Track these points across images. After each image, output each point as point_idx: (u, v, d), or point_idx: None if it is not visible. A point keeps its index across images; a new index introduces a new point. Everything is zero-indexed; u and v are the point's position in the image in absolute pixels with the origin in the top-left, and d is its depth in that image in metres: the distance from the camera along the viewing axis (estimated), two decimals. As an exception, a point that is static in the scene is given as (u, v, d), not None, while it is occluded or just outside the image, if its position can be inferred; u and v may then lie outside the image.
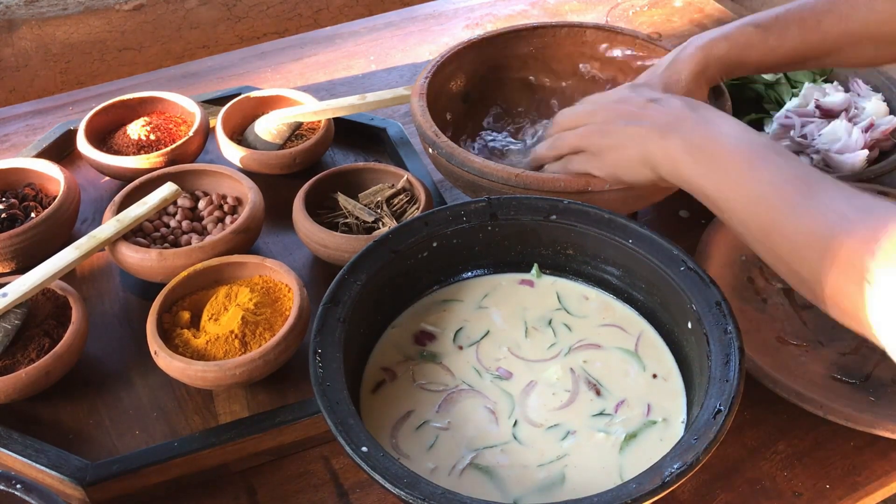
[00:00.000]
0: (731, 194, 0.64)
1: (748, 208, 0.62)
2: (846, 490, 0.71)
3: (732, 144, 0.64)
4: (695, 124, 0.68)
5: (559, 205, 0.74)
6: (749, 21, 0.82)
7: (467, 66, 0.99)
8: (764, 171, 0.61)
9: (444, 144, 0.82)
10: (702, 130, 0.67)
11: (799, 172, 0.60)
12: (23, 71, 1.35)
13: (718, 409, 0.58)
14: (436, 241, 0.74)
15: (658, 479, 0.54)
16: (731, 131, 0.65)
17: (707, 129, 0.67)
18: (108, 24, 1.37)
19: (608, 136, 0.73)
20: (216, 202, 0.91)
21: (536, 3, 1.39)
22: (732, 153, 0.64)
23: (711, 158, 0.65)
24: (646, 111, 0.71)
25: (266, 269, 0.80)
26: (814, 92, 1.02)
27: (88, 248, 0.80)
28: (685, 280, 0.67)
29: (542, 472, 0.62)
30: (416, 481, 0.54)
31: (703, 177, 0.66)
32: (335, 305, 0.66)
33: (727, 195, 0.64)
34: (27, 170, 0.93)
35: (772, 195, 0.60)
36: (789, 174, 0.60)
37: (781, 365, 0.75)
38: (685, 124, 0.68)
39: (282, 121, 1.00)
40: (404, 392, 0.68)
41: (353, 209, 0.89)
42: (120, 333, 0.84)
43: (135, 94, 1.04)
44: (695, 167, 0.66)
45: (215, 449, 0.70)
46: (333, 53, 1.27)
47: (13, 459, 0.70)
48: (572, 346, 0.71)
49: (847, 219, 0.55)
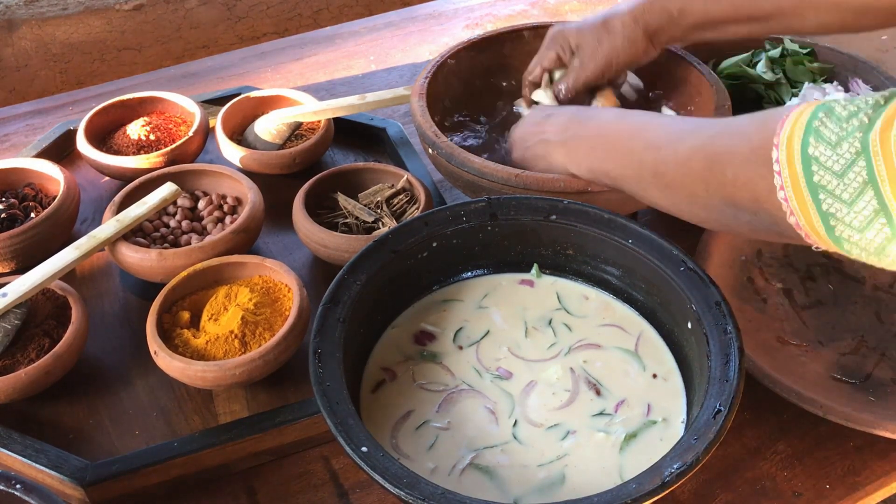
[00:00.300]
0: (625, 160, 0.72)
1: (641, 161, 0.69)
2: (846, 490, 0.71)
3: (617, 124, 0.75)
4: (583, 123, 0.78)
5: (559, 205, 0.74)
6: None
7: (467, 65, 0.99)
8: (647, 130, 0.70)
9: (444, 144, 0.82)
10: (592, 125, 0.77)
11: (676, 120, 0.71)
12: (23, 71, 1.35)
13: (718, 409, 0.58)
14: (436, 241, 0.74)
15: (658, 479, 0.54)
16: (611, 115, 0.78)
17: (595, 122, 0.77)
18: (108, 24, 1.37)
19: (529, 151, 0.83)
20: (216, 202, 0.91)
21: (536, 3, 1.39)
22: (617, 131, 0.74)
23: (604, 143, 0.75)
24: (546, 125, 0.81)
25: (266, 269, 0.80)
26: (814, 92, 1.01)
27: (88, 248, 0.80)
28: (685, 280, 0.67)
29: (542, 472, 0.62)
30: (416, 481, 0.54)
31: (602, 160, 0.74)
32: (335, 305, 0.66)
33: (624, 162, 0.72)
34: (27, 170, 0.93)
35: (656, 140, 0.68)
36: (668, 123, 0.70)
37: (781, 365, 0.75)
38: (577, 127, 0.78)
39: (282, 121, 1.00)
40: (404, 392, 0.68)
41: (353, 209, 0.89)
42: (120, 333, 0.84)
43: (135, 94, 1.05)
44: (594, 156, 0.75)
45: (215, 449, 0.70)
46: (333, 53, 1.27)
47: (13, 459, 0.70)
48: (572, 346, 0.71)
49: (724, 125, 0.63)
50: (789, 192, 0.54)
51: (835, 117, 0.52)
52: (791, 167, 0.53)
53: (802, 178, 0.53)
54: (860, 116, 0.52)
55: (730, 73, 1.07)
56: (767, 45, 1.09)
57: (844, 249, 0.54)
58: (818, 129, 0.53)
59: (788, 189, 0.54)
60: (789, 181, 0.54)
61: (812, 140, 0.53)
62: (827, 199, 0.52)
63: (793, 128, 0.54)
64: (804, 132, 0.53)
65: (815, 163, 0.52)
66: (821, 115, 0.53)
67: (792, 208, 0.54)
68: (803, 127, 0.53)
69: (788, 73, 1.07)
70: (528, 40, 1.01)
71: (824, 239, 0.54)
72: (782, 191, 0.54)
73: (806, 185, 0.53)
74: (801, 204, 0.53)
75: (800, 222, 0.54)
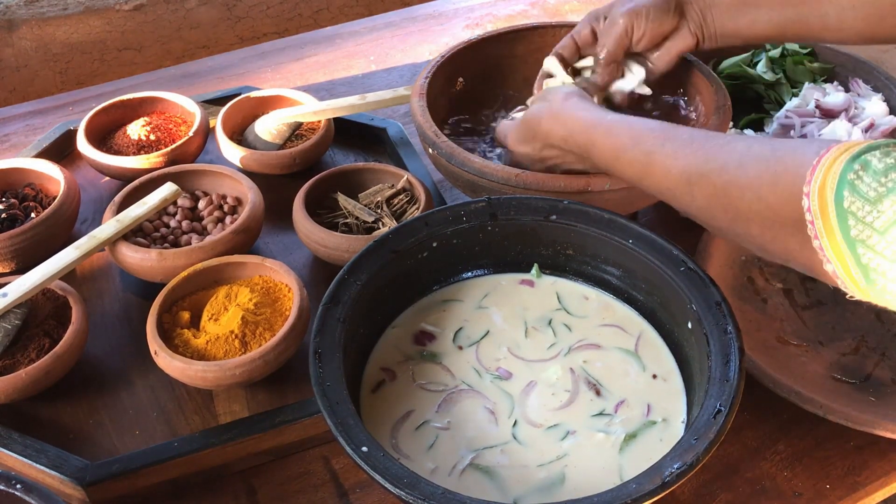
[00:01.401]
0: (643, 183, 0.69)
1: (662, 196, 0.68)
2: (846, 490, 0.71)
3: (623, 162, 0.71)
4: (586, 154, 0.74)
5: (559, 205, 0.74)
6: None
7: (467, 66, 0.99)
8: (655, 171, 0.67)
9: (444, 144, 0.82)
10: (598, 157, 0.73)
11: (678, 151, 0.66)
12: (23, 71, 1.35)
13: (718, 409, 0.58)
14: (436, 241, 0.74)
15: (658, 479, 0.54)
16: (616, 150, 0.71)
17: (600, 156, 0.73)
18: (108, 24, 1.37)
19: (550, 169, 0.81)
20: (216, 202, 0.91)
21: (536, 3, 1.39)
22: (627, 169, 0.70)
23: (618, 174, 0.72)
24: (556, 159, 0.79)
25: (266, 269, 0.80)
26: (814, 92, 1.01)
27: (88, 248, 0.80)
28: (685, 280, 0.67)
29: (542, 472, 0.62)
30: (416, 481, 0.54)
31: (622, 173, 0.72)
32: (335, 305, 0.66)
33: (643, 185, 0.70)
34: (27, 170, 0.93)
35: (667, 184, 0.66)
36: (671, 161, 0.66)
37: (781, 365, 0.75)
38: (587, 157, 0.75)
39: (282, 121, 1.00)
40: (404, 392, 0.68)
41: (353, 209, 0.89)
42: (120, 333, 0.84)
43: (135, 94, 1.05)
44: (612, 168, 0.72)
45: (215, 449, 0.70)
46: (333, 53, 1.27)
47: (13, 459, 0.70)
48: (572, 346, 0.71)
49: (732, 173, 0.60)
50: (824, 241, 0.52)
51: (871, 171, 0.50)
52: (825, 219, 0.51)
53: (839, 231, 0.51)
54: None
55: (730, 73, 1.07)
56: (767, 44, 1.09)
57: (886, 301, 0.52)
58: (854, 183, 0.50)
59: (823, 239, 0.52)
60: (824, 232, 0.52)
61: (847, 193, 0.51)
62: (867, 253, 0.50)
63: (825, 177, 0.52)
64: (838, 184, 0.51)
65: (853, 217, 0.50)
66: (856, 168, 0.51)
67: (828, 257, 0.52)
68: (837, 177, 0.51)
69: (788, 73, 1.07)
70: (528, 40, 1.01)
71: (863, 290, 0.52)
72: (817, 240, 0.52)
73: (843, 238, 0.51)
74: (837, 255, 0.52)
75: (837, 272, 0.52)
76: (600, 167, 0.74)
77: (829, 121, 0.97)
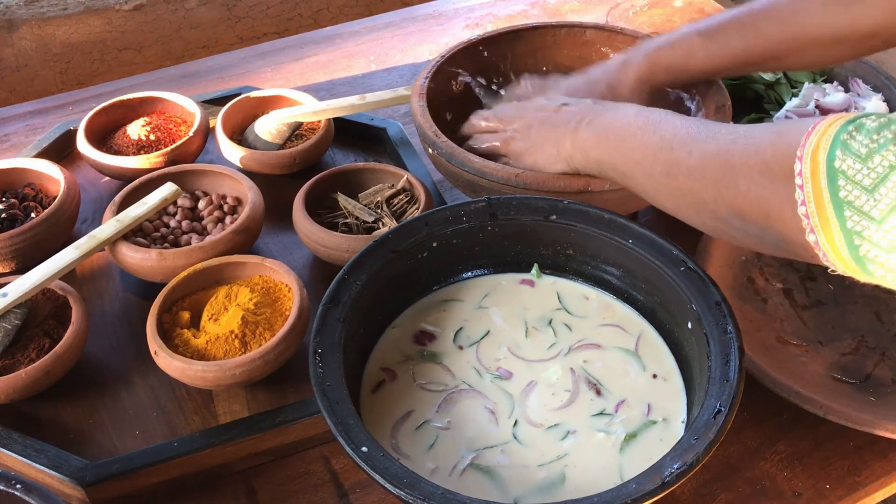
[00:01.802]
0: (637, 154, 0.69)
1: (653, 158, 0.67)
2: (846, 490, 0.71)
3: (633, 118, 0.71)
4: (600, 115, 0.75)
5: (559, 205, 0.74)
6: (693, 29, 0.85)
7: (467, 66, 0.99)
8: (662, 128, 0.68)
9: (444, 144, 0.82)
10: (608, 117, 0.74)
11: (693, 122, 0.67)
12: (23, 71, 1.35)
13: (718, 409, 0.58)
14: (436, 241, 0.74)
15: (658, 479, 0.54)
16: (631, 110, 0.73)
17: (612, 115, 0.74)
18: (108, 24, 1.37)
19: (526, 140, 0.80)
20: (216, 202, 0.91)
21: (536, 3, 1.39)
22: (632, 125, 0.70)
23: (617, 135, 0.72)
24: (559, 114, 0.78)
25: (266, 269, 0.80)
26: (814, 92, 1.01)
27: (88, 248, 0.80)
28: (685, 280, 0.67)
29: (543, 472, 0.62)
30: (416, 481, 0.54)
31: (611, 152, 0.72)
32: (335, 305, 0.66)
33: (634, 157, 0.70)
34: (27, 170, 0.93)
35: (671, 140, 0.66)
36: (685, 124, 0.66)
37: (781, 365, 0.75)
38: (593, 117, 0.75)
39: (282, 121, 1.00)
40: (404, 392, 0.68)
41: (353, 209, 0.89)
42: (120, 333, 0.84)
43: (135, 94, 1.04)
44: (604, 147, 0.73)
45: (215, 449, 0.70)
46: (333, 53, 1.27)
47: (13, 459, 0.70)
48: (572, 346, 0.71)
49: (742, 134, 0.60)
50: (811, 207, 0.51)
51: (865, 130, 0.50)
52: (815, 182, 0.51)
53: (827, 193, 0.50)
54: (893, 128, 0.49)
55: (730, 73, 1.07)
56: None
57: (868, 271, 0.51)
58: (846, 142, 0.50)
59: (811, 204, 0.51)
60: (812, 196, 0.51)
61: (839, 153, 0.50)
62: (853, 216, 0.49)
63: (819, 139, 0.51)
64: (831, 144, 0.50)
65: (843, 177, 0.49)
66: (850, 129, 0.50)
67: (812, 225, 0.51)
68: (831, 139, 0.51)
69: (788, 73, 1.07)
70: (528, 40, 1.01)
71: (844, 259, 0.51)
72: (803, 206, 0.51)
73: (831, 200, 0.50)
74: (823, 221, 0.51)
75: (819, 240, 0.51)
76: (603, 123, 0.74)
77: (829, 121, 0.97)
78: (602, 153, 0.73)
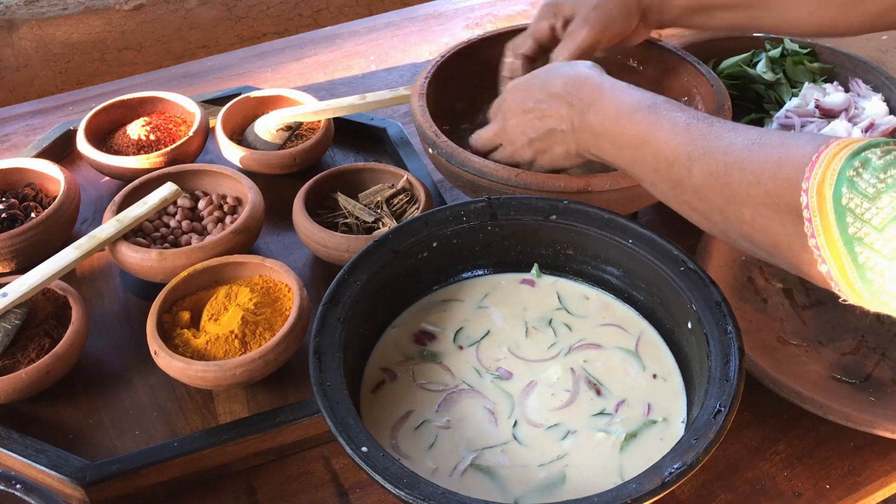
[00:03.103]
0: (638, 168, 0.68)
1: (654, 175, 0.66)
2: (846, 490, 0.71)
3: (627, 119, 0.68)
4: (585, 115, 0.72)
5: (559, 205, 0.74)
6: None
7: (467, 65, 0.99)
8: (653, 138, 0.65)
9: (444, 144, 0.82)
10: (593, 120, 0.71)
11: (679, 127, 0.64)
12: (23, 71, 1.35)
13: (718, 409, 0.58)
14: (436, 241, 0.74)
15: (658, 479, 0.54)
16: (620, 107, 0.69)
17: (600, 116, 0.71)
18: (108, 24, 1.37)
19: (531, 146, 0.79)
20: (216, 202, 0.91)
21: (536, 3, 1.39)
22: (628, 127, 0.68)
23: (613, 144, 0.70)
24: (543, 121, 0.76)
25: (266, 269, 0.80)
26: (814, 92, 1.01)
27: (88, 248, 0.80)
28: (685, 280, 0.67)
29: (543, 472, 0.62)
30: (416, 481, 0.54)
31: (614, 156, 0.71)
32: (335, 305, 0.66)
33: (636, 170, 0.69)
34: (27, 170, 0.93)
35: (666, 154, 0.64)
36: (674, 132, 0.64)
37: (781, 365, 0.75)
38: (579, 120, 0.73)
39: (282, 121, 1.00)
40: (404, 392, 0.68)
41: (353, 209, 0.89)
42: (120, 333, 0.84)
43: (135, 94, 1.05)
44: (608, 150, 0.71)
45: (215, 449, 0.70)
46: (333, 53, 1.27)
47: (13, 459, 0.70)
48: (572, 345, 0.71)
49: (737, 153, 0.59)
50: (821, 240, 0.51)
51: (871, 167, 0.49)
52: (823, 217, 0.51)
53: (836, 229, 0.50)
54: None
55: (730, 73, 1.07)
56: (767, 45, 1.10)
57: (881, 302, 0.51)
58: (852, 180, 0.50)
59: (820, 237, 0.51)
60: (821, 230, 0.51)
61: (845, 190, 0.50)
62: (864, 251, 0.49)
63: (824, 174, 0.51)
64: (836, 180, 0.50)
65: (851, 214, 0.49)
66: (856, 164, 0.50)
67: (824, 257, 0.51)
68: (836, 174, 0.50)
69: (788, 73, 1.07)
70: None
71: (857, 291, 0.51)
72: (813, 239, 0.51)
73: (840, 236, 0.50)
74: (834, 255, 0.51)
75: (832, 272, 0.51)
76: (593, 126, 0.71)
77: (829, 121, 0.97)
78: (608, 157, 0.72)
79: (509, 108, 0.81)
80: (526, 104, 0.78)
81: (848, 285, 0.51)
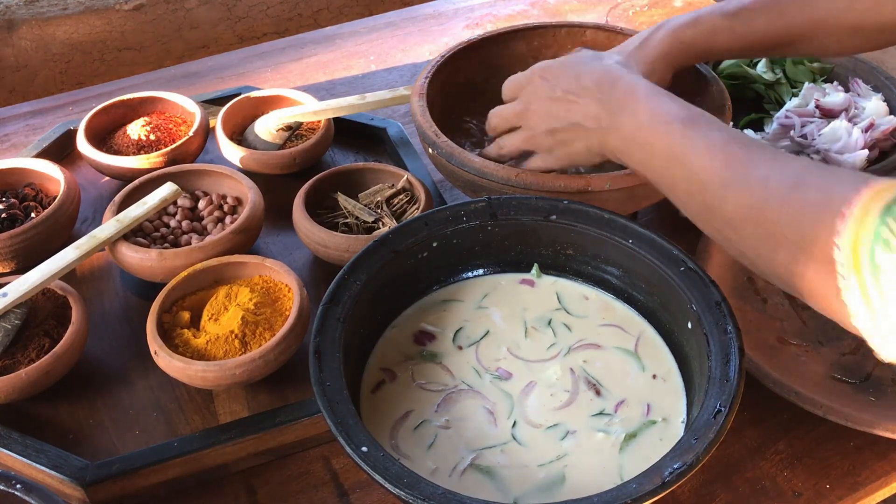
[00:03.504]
0: (666, 182, 0.66)
1: (686, 196, 0.65)
2: (846, 490, 0.71)
3: (661, 130, 0.66)
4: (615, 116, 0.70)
5: (559, 205, 0.74)
6: (718, 8, 0.83)
7: (467, 65, 0.99)
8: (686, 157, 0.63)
9: (444, 144, 0.82)
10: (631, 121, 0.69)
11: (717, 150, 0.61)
12: (23, 71, 1.35)
13: (718, 409, 0.58)
14: (436, 241, 0.74)
15: (658, 479, 0.54)
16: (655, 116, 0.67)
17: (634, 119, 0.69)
18: (108, 24, 1.37)
19: (552, 136, 0.77)
20: (216, 202, 0.91)
21: (536, 3, 1.39)
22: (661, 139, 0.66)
23: (643, 148, 0.68)
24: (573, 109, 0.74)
25: (266, 269, 0.80)
26: (814, 92, 1.01)
27: (88, 248, 0.80)
28: (685, 280, 0.67)
29: (542, 473, 0.62)
30: (416, 481, 0.54)
31: (642, 165, 0.69)
32: (335, 305, 0.66)
33: (665, 184, 0.67)
34: (27, 170, 0.93)
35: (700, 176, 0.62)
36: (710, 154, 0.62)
37: (781, 365, 0.75)
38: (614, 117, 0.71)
39: (282, 121, 1.00)
40: (404, 392, 0.68)
41: (353, 209, 0.89)
42: (120, 333, 0.84)
43: (135, 94, 1.05)
44: (635, 156, 0.70)
45: (215, 449, 0.70)
46: (333, 53, 1.28)
47: (13, 459, 0.70)
48: (572, 346, 0.71)
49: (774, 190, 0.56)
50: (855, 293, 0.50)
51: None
52: (859, 276, 0.49)
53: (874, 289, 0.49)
54: None
55: (730, 73, 1.07)
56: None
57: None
58: (888, 242, 0.48)
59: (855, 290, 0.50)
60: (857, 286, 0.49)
61: (879, 250, 0.48)
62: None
63: (857, 233, 0.49)
64: (872, 239, 0.48)
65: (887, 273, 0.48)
66: (889, 221, 0.48)
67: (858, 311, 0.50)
68: (871, 234, 0.49)
69: (788, 73, 1.07)
70: (528, 40, 1.01)
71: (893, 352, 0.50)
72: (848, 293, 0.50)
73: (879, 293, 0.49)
74: (871, 311, 0.49)
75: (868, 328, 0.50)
76: (623, 131, 0.69)
77: (828, 121, 0.97)
78: (634, 164, 0.71)
79: (535, 91, 0.79)
80: (554, 91, 0.76)
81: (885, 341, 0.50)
